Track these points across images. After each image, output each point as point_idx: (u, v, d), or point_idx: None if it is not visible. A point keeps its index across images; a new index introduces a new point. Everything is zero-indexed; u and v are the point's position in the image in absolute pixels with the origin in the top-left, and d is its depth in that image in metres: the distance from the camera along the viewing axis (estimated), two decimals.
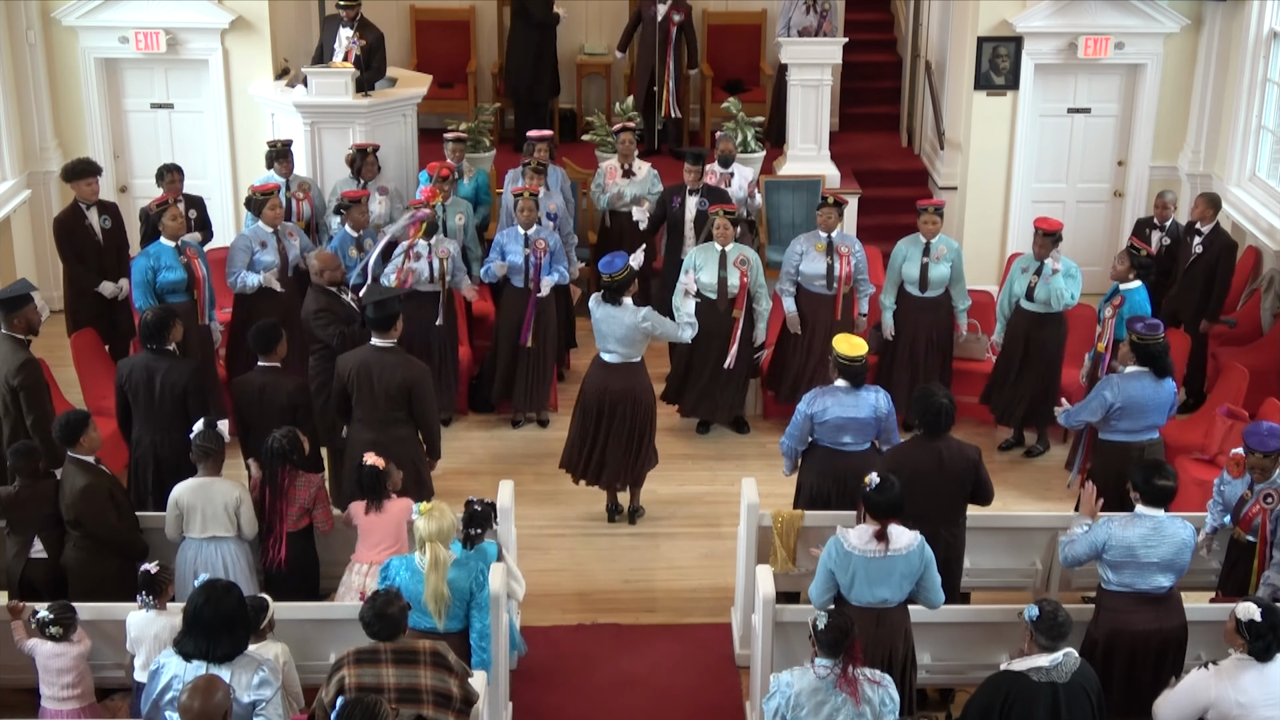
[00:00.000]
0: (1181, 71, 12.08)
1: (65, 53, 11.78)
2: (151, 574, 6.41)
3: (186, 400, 7.86)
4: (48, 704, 6.53)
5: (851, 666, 5.63)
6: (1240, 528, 7.15)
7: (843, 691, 5.60)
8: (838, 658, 5.64)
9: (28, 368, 7.90)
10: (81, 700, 6.55)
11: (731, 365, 9.82)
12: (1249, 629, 5.80)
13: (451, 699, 5.68)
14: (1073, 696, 5.83)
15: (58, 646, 6.48)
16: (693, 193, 10.57)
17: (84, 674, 6.56)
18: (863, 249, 9.95)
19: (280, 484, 7.12)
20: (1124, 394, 7.89)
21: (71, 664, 6.49)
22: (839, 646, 5.63)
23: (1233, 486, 7.27)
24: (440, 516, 6.19)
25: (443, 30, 13.92)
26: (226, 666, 5.47)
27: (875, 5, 14.75)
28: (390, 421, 7.94)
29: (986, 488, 7.28)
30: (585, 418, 8.85)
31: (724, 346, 9.79)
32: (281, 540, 7.12)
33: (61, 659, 6.48)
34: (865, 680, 5.66)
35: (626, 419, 8.76)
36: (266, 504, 7.12)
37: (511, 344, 10.00)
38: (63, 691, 6.50)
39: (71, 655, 6.49)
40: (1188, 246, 10.24)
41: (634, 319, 8.61)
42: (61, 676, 6.49)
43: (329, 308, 8.68)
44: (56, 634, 6.46)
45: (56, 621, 6.46)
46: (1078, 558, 6.70)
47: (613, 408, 8.74)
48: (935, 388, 7.41)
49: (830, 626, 5.63)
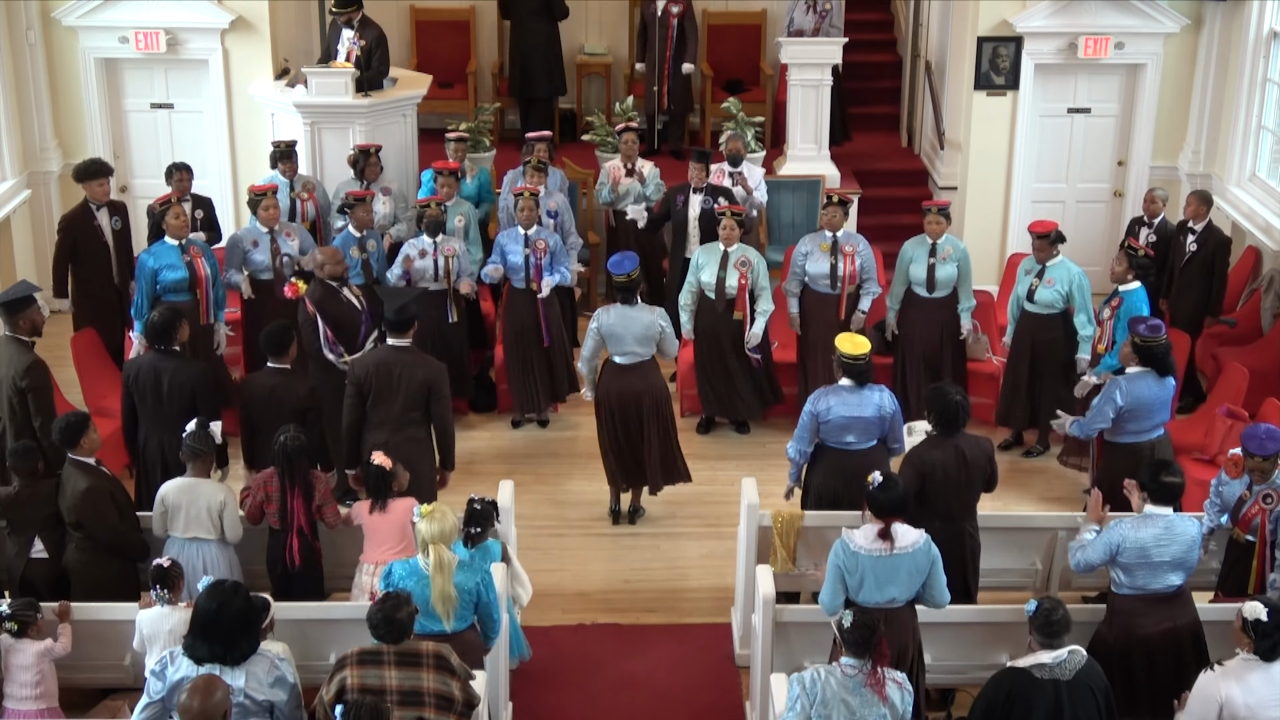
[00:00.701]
0: (1181, 71, 12.09)
1: (65, 53, 11.78)
2: (164, 568, 6.42)
3: (196, 401, 7.87)
4: (10, 704, 6.51)
5: (880, 666, 5.63)
6: (1239, 528, 7.15)
7: (871, 690, 5.58)
8: (865, 657, 5.62)
9: (35, 369, 7.90)
10: (45, 701, 6.52)
11: (758, 365, 9.87)
12: (1255, 628, 5.80)
13: (454, 702, 5.68)
14: (1077, 694, 5.82)
15: (18, 643, 6.47)
16: (696, 191, 10.57)
17: (46, 674, 6.53)
18: (869, 247, 9.94)
19: (298, 482, 7.11)
20: (1131, 396, 7.90)
21: (32, 661, 6.47)
22: (867, 645, 5.61)
23: (1230, 487, 7.26)
24: (442, 519, 6.19)
25: (443, 30, 13.91)
26: (241, 667, 5.48)
27: (875, 5, 14.74)
28: (406, 423, 7.97)
29: (995, 476, 7.40)
30: (611, 425, 8.85)
31: (722, 345, 9.78)
32: (309, 534, 7.13)
33: (22, 655, 6.47)
34: (890, 680, 5.66)
35: (652, 416, 8.78)
36: (288, 502, 7.11)
37: (519, 345, 9.99)
38: (22, 690, 6.48)
39: (31, 653, 6.47)
40: (1181, 245, 10.24)
41: (651, 316, 8.70)
42: (21, 674, 6.47)
43: (322, 302, 8.73)
44: (12, 629, 6.45)
45: (14, 618, 6.45)
46: (1091, 563, 6.66)
47: (636, 408, 8.76)
48: (948, 386, 7.44)
49: (857, 624, 5.62)
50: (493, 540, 7.06)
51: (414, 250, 9.75)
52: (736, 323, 9.75)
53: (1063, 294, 9.37)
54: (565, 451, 10.04)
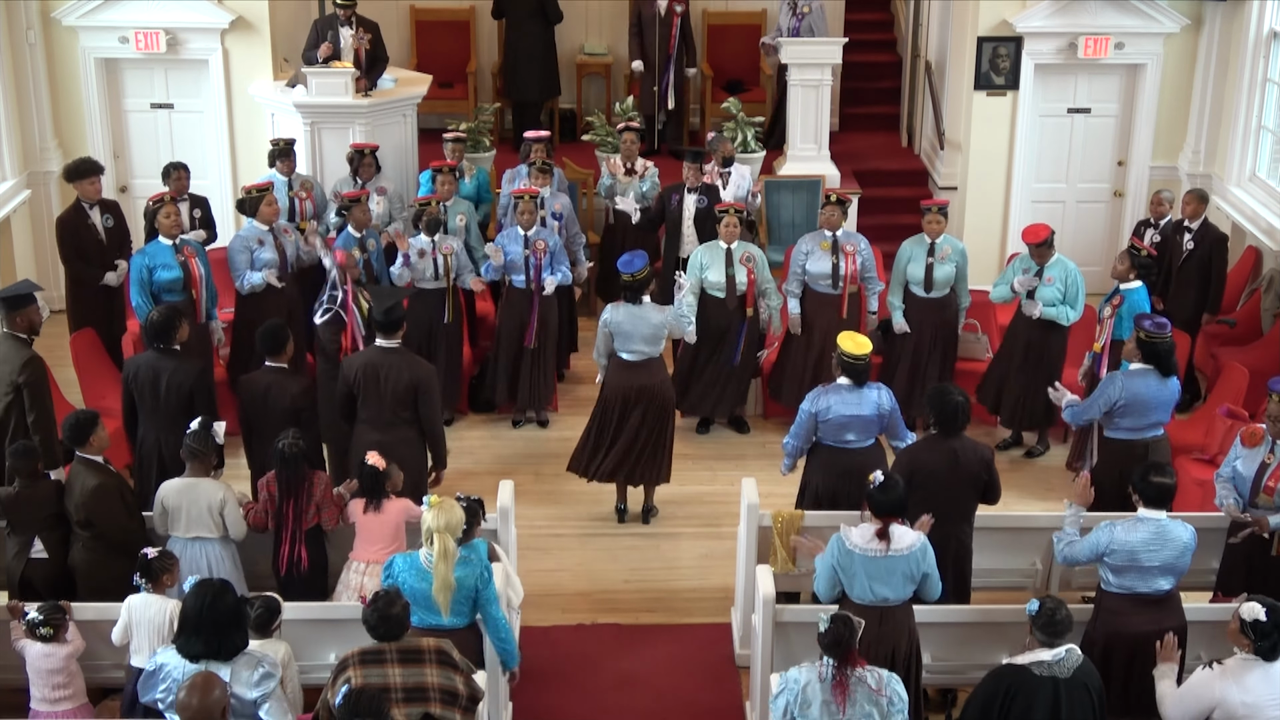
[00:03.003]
0: (1181, 71, 12.09)
1: (65, 53, 11.78)
2: (149, 559, 6.44)
3: (193, 400, 7.88)
4: (38, 705, 6.52)
5: (850, 669, 5.64)
6: (1265, 495, 7.10)
7: (835, 694, 5.61)
8: (836, 659, 5.65)
9: (32, 365, 7.91)
10: (73, 701, 6.54)
11: (737, 362, 9.84)
12: (1254, 629, 5.79)
13: (458, 696, 5.69)
14: (1074, 692, 5.84)
15: (47, 647, 6.48)
16: (691, 191, 10.57)
17: (74, 674, 6.55)
18: (869, 246, 9.95)
19: (297, 485, 7.11)
20: (1129, 391, 7.88)
21: (61, 664, 6.49)
22: (834, 651, 5.66)
23: (1246, 460, 7.22)
24: (450, 510, 6.22)
25: (443, 30, 13.92)
26: (227, 664, 5.48)
27: (875, 5, 14.75)
28: (396, 422, 7.98)
29: (996, 487, 7.31)
30: (606, 417, 8.88)
31: (727, 344, 9.79)
32: (300, 541, 7.12)
33: (51, 659, 6.47)
34: (865, 686, 5.65)
35: (651, 413, 8.80)
36: (282, 506, 7.12)
37: (513, 344, 10.01)
38: (54, 693, 6.49)
39: (61, 655, 6.49)
40: (1178, 244, 10.24)
41: (661, 316, 8.74)
42: (52, 677, 6.48)
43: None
44: (46, 634, 6.46)
45: (46, 622, 6.46)
46: (1076, 559, 6.70)
47: (638, 403, 8.78)
48: (950, 386, 7.43)
49: (828, 631, 5.66)
50: (479, 540, 7.07)
51: (413, 250, 9.75)
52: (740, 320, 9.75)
53: (1062, 291, 9.38)
54: (565, 452, 9.98)
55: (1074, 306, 9.44)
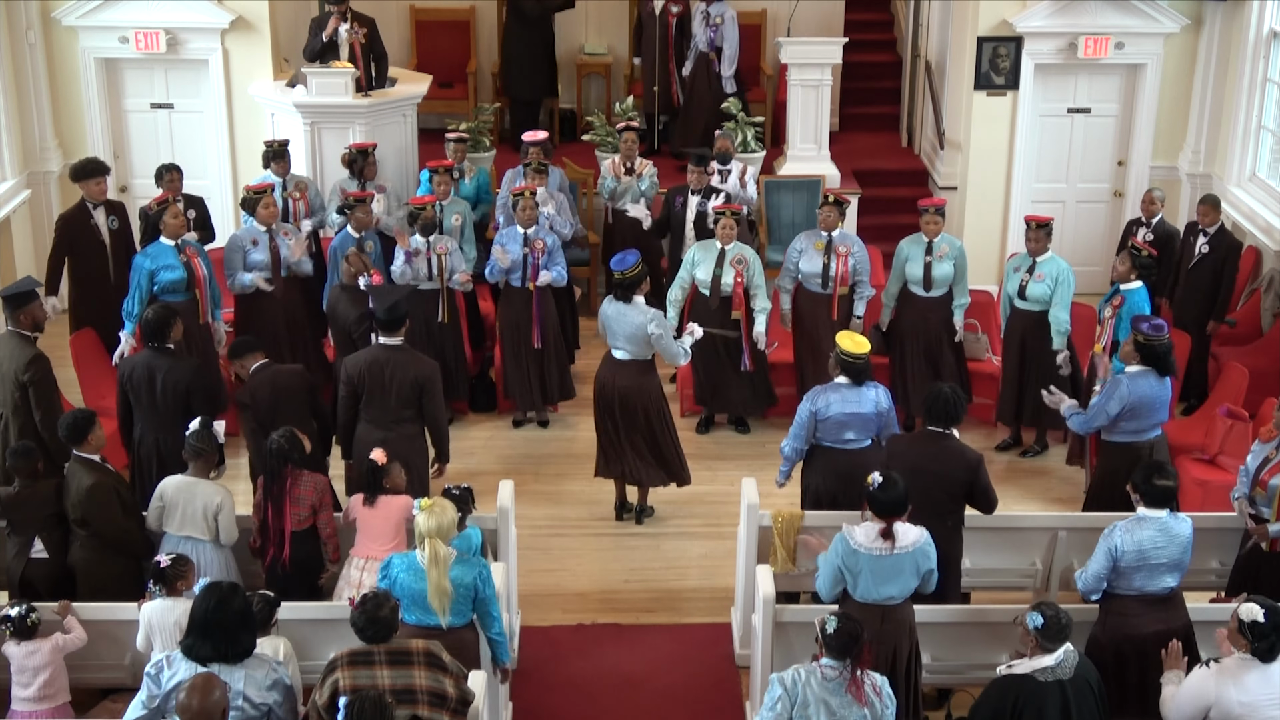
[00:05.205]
0: (1181, 71, 12.09)
1: (65, 53, 11.79)
2: (161, 567, 6.42)
3: (190, 399, 7.88)
4: (18, 705, 6.50)
5: (860, 670, 5.64)
6: (1259, 488, 7.12)
7: (850, 694, 5.60)
8: (846, 661, 5.64)
9: (37, 363, 7.92)
10: (54, 700, 6.52)
11: (749, 367, 9.86)
12: (1252, 630, 5.77)
13: (447, 699, 5.67)
14: (1080, 691, 5.85)
15: (30, 644, 6.48)
16: (694, 193, 10.57)
17: (59, 670, 6.54)
18: (865, 250, 9.93)
19: (284, 483, 7.12)
20: (1134, 394, 7.89)
21: (47, 659, 6.48)
22: (848, 650, 5.63)
23: (1256, 454, 7.25)
24: (441, 513, 6.19)
25: (443, 30, 13.92)
26: (240, 667, 5.48)
27: (875, 5, 14.75)
28: (400, 420, 8.00)
29: (987, 495, 7.24)
30: (600, 413, 8.89)
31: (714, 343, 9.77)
32: (285, 539, 7.12)
33: (36, 656, 6.47)
34: (869, 685, 5.66)
35: (638, 416, 8.78)
36: (269, 502, 7.12)
37: (515, 343, 10.00)
38: (37, 691, 6.48)
39: (45, 650, 6.48)
40: (1191, 247, 10.23)
41: (643, 319, 8.63)
42: (38, 675, 6.47)
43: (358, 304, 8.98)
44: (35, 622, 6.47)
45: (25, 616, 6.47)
46: (1098, 574, 6.57)
47: (622, 403, 8.76)
48: (945, 385, 7.41)
49: (840, 631, 5.62)
50: (473, 527, 7.09)
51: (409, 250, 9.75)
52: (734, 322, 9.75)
53: (1051, 289, 9.38)
54: (565, 451, 10.04)
55: (1061, 305, 9.42)
